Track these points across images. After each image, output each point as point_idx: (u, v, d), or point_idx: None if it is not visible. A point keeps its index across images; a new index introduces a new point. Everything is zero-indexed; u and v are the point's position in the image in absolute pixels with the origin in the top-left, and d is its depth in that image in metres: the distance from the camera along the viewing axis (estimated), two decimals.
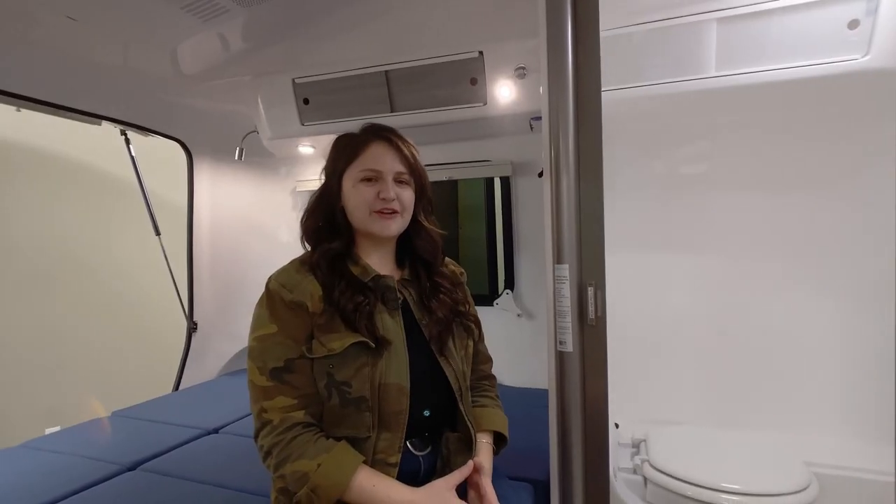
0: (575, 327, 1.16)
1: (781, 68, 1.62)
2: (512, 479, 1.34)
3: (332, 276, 1.00)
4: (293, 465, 0.90)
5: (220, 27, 1.72)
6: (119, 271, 2.87)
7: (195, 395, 2.31)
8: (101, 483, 1.43)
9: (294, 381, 0.95)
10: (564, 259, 1.15)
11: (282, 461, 0.91)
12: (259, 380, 0.95)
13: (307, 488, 0.89)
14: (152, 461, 1.58)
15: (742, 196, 1.85)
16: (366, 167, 1.03)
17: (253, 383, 0.96)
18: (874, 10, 1.53)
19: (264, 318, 0.97)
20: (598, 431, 1.19)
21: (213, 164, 2.63)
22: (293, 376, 0.95)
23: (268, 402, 0.94)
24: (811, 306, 1.80)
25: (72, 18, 1.50)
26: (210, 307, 2.67)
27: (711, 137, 1.88)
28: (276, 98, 2.15)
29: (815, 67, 1.61)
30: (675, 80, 1.74)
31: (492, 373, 1.28)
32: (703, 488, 1.44)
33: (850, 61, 1.60)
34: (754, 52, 1.64)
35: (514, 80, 1.87)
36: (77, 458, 1.59)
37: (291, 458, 0.90)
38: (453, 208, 2.86)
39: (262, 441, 0.94)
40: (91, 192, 2.79)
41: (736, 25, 1.64)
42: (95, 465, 1.53)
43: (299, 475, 0.89)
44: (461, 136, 2.29)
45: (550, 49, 1.13)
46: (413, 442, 1.05)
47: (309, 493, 0.89)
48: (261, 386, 0.95)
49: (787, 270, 1.82)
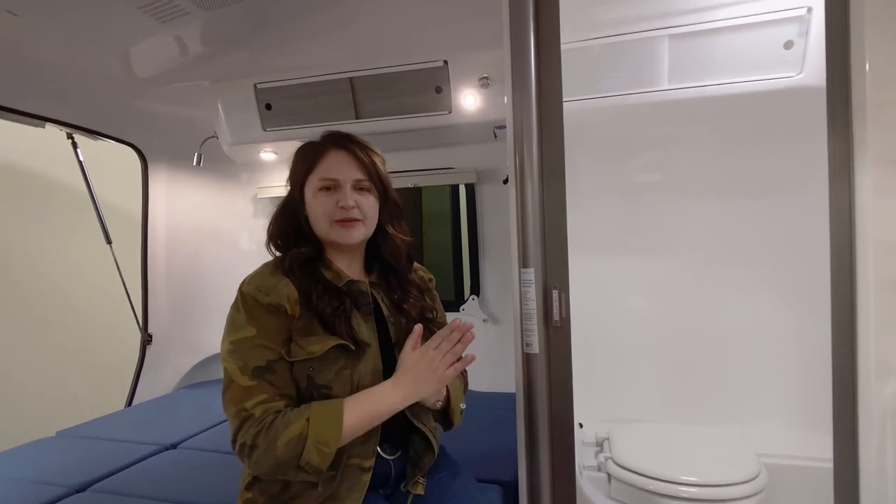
0: (541, 329, 1.19)
1: (727, 83, 1.73)
2: (481, 481, 1.36)
3: (307, 280, 1.00)
4: (284, 437, 0.87)
5: (178, 30, 1.68)
6: (67, 283, 2.72)
7: (150, 410, 2.21)
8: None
9: (275, 381, 0.93)
10: (530, 263, 1.19)
11: (271, 444, 0.87)
12: (241, 380, 0.92)
13: (310, 442, 0.87)
14: (104, 481, 1.49)
15: (695, 202, 1.95)
16: (323, 176, 1.04)
17: (234, 384, 0.92)
18: (806, 33, 1.66)
19: (241, 321, 0.95)
20: (564, 430, 1.22)
21: (170, 171, 2.54)
22: (274, 376, 0.93)
23: (249, 401, 0.91)
24: (759, 307, 1.91)
25: (12, 13, 1.43)
26: (166, 318, 2.57)
27: (665, 147, 1.97)
28: (237, 103, 2.12)
29: (756, 83, 1.73)
30: (630, 92, 1.82)
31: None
32: (664, 482, 1.50)
33: (787, 78, 1.73)
34: (703, 68, 1.75)
35: (479, 89, 1.91)
36: (20, 483, 1.48)
37: (279, 433, 0.88)
38: (418, 215, 2.88)
39: (244, 437, 0.89)
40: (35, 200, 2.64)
41: (686, 42, 1.74)
42: (39, 488, 1.44)
43: (294, 439, 0.87)
44: (427, 144, 2.31)
45: (514, 60, 1.18)
46: (384, 447, 1.06)
47: (314, 446, 0.88)
48: (244, 386, 0.92)
49: (738, 273, 1.92)
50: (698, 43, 1.73)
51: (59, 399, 2.57)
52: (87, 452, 1.70)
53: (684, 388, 1.99)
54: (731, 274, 1.93)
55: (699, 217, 1.96)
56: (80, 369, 2.71)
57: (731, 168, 1.89)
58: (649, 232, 2.03)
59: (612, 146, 2.03)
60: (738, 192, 1.88)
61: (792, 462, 1.71)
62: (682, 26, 1.71)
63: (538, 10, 1.18)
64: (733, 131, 1.86)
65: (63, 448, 1.77)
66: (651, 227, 2.02)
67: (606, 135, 2.01)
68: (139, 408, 2.28)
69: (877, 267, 1.04)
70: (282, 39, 1.86)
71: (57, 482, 1.47)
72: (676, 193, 1.97)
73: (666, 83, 1.77)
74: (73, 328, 2.73)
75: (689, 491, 1.48)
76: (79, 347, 2.74)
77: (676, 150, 1.96)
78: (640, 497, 1.52)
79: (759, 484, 1.50)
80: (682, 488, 1.48)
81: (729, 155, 1.89)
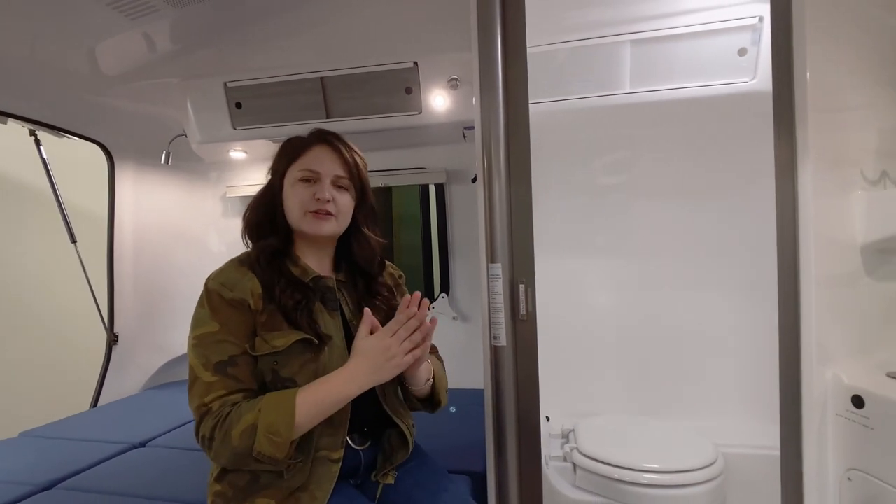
0: (508, 322, 1.24)
1: (686, 87, 1.82)
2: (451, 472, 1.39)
3: (272, 273, 1.01)
4: (237, 428, 0.89)
5: (147, 26, 1.67)
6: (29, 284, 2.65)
7: (117, 411, 2.17)
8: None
9: (238, 375, 0.95)
10: (498, 259, 1.24)
11: (226, 435, 0.89)
12: (204, 375, 0.93)
13: (261, 433, 0.88)
14: (72, 479, 1.48)
15: (657, 203, 2.04)
16: (305, 167, 1.06)
17: (198, 380, 0.94)
18: (758, 41, 1.75)
19: (205, 317, 0.96)
20: (530, 420, 1.27)
21: (137, 169, 2.51)
22: (236, 370, 0.95)
23: (209, 395, 0.92)
24: (717, 303, 2.00)
25: None
26: (132, 318, 2.53)
27: (628, 148, 2.05)
28: (207, 102, 2.11)
29: (713, 88, 1.81)
30: (595, 94, 1.89)
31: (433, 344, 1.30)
32: (627, 469, 1.57)
33: (742, 83, 1.82)
34: (663, 72, 1.83)
35: (448, 90, 1.95)
36: None
37: (233, 424, 0.89)
38: (388, 216, 2.89)
39: (203, 430, 0.91)
40: None
41: (647, 47, 1.81)
42: (6, 488, 1.41)
43: (248, 430, 0.88)
44: (397, 144, 2.34)
45: (482, 65, 1.22)
46: (353, 437, 1.08)
47: (265, 436, 0.88)
48: (206, 381, 0.93)
49: (697, 271, 2.01)
50: (659, 48, 1.81)
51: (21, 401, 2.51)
52: (53, 452, 1.68)
53: (647, 383, 2.07)
54: (691, 272, 2.02)
55: (661, 216, 2.05)
56: (43, 371, 2.64)
57: (690, 169, 1.98)
58: (614, 231, 2.11)
59: (579, 147, 2.10)
60: (696, 193, 1.97)
61: (750, 451, 1.79)
62: (643, 32, 1.79)
63: (505, 17, 1.23)
64: (692, 134, 1.95)
65: (27, 448, 1.74)
66: (615, 227, 2.10)
67: (574, 136, 2.08)
68: (105, 408, 2.25)
69: (818, 261, 1.12)
70: (253, 38, 1.87)
71: (22, 481, 1.45)
72: (639, 194, 2.06)
73: (629, 86, 1.85)
74: (36, 329, 2.66)
75: (651, 477, 1.55)
76: (42, 349, 2.67)
77: (639, 151, 2.05)
78: (604, 484, 1.58)
79: (716, 469, 1.58)
80: (645, 475, 1.55)
81: (688, 156, 1.98)
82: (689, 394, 2.02)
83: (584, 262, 2.15)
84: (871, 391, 1.00)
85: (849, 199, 1.19)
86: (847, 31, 1.20)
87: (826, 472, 1.10)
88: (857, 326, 1.21)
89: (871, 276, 1.21)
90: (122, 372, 2.48)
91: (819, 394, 1.10)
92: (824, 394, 1.11)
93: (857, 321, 1.21)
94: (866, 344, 1.21)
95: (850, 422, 1.04)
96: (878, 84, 1.25)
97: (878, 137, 1.23)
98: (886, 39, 1.25)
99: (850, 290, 1.20)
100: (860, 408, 1.02)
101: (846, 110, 1.19)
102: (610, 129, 2.02)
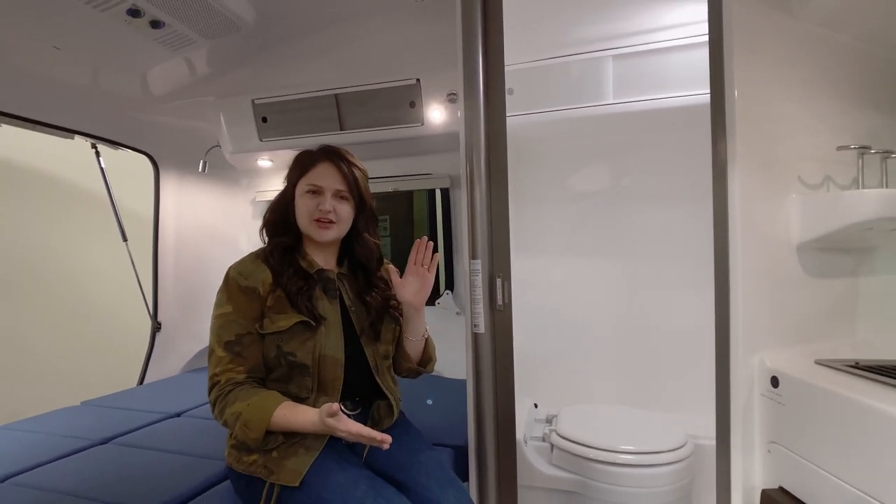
0: (486, 312, 1.42)
1: (664, 97, 1.94)
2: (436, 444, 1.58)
3: (283, 264, 1.24)
4: (231, 409, 1.12)
5: (187, 55, 1.94)
6: (86, 277, 3.02)
7: (158, 388, 2.48)
8: (79, 452, 1.62)
9: (243, 353, 1.18)
10: (478, 255, 1.42)
11: (223, 409, 1.13)
12: (217, 350, 1.17)
13: (240, 423, 1.11)
14: (122, 437, 1.76)
15: (640, 206, 2.17)
16: (311, 182, 1.27)
17: (213, 353, 1.18)
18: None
19: (223, 300, 1.21)
20: (506, 398, 1.44)
21: (179, 176, 2.83)
22: (243, 348, 1.18)
23: (219, 368, 1.16)
24: (694, 303, 2.10)
25: (56, 48, 1.71)
26: (174, 309, 2.84)
27: (613, 155, 2.20)
28: (237, 117, 2.39)
29: (690, 98, 1.93)
30: (579, 105, 2.03)
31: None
32: (602, 450, 1.71)
33: None
34: (643, 84, 1.96)
35: (447, 104, 2.15)
36: (54, 436, 1.76)
37: (229, 404, 1.12)
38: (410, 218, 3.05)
39: (211, 397, 1.16)
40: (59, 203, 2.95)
41: (628, 61, 1.96)
42: (72, 441, 1.71)
43: (236, 415, 1.11)
44: (405, 152, 2.55)
45: (466, 83, 1.42)
46: (346, 404, 1.29)
47: (242, 427, 1.11)
48: (218, 356, 1.17)
49: (678, 271, 2.12)
50: (638, 61, 1.95)
51: (81, 378, 2.86)
52: (106, 417, 1.98)
53: (632, 378, 2.20)
54: (671, 272, 2.14)
55: (644, 220, 2.18)
56: (100, 353, 3.00)
57: (672, 175, 2.11)
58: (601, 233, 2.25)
59: (565, 155, 2.26)
60: (676, 198, 2.09)
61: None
62: (623, 47, 1.94)
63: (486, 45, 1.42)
64: (672, 141, 2.07)
65: (87, 414, 2.05)
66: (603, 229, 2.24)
67: (559, 145, 2.24)
68: (149, 386, 2.56)
69: (748, 258, 1.25)
70: (276, 61, 2.12)
71: (84, 436, 1.75)
72: (624, 198, 2.20)
73: (611, 97, 1.99)
74: (93, 317, 3.02)
75: (627, 458, 1.69)
76: (98, 334, 3.03)
77: (623, 158, 2.19)
78: (577, 462, 1.73)
79: (686, 451, 1.71)
80: (622, 456, 1.69)
81: (669, 162, 2.11)
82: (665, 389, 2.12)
83: (574, 261, 2.30)
84: (785, 372, 1.13)
85: (785, 202, 1.32)
86: (783, 48, 1.32)
87: (752, 445, 1.23)
88: (795, 319, 1.32)
89: (809, 274, 1.33)
90: (163, 356, 2.79)
91: (746, 376, 1.23)
92: (752, 376, 1.24)
93: (795, 314, 1.32)
94: (805, 335, 1.32)
95: (770, 400, 1.18)
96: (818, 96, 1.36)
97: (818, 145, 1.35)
98: (824, 54, 1.36)
99: (786, 285, 1.31)
100: (776, 387, 1.15)
101: (780, 121, 1.31)
102: (595, 136, 2.18)
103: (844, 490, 0.94)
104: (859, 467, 0.93)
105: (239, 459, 1.20)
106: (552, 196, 2.30)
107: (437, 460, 1.31)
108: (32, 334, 2.83)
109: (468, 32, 1.43)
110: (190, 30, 1.70)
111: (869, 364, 1.08)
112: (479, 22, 1.41)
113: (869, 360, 1.12)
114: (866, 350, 1.25)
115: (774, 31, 1.30)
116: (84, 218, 2.99)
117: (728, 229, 1.26)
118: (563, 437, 1.80)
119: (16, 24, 1.60)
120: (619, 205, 2.22)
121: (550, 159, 2.27)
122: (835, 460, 0.98)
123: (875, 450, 0.89)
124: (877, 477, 0.89)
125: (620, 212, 2.21)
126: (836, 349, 1.25)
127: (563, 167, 2.28)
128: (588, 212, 2.27)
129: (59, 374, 2.87)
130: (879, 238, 1.33)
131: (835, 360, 1.14)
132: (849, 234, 1.21)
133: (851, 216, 1.15)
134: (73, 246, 3.00)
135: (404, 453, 1.29)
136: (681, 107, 1.92)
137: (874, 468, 0.89)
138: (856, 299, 1.36)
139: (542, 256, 2.32)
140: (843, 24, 1.28)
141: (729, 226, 1.25)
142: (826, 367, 1.12)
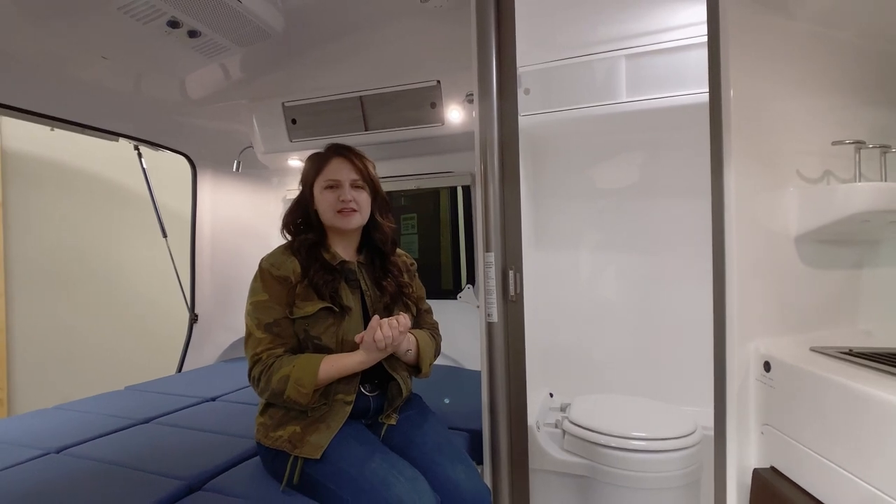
0: (499, 302, 1.50)
1: (675, 95, 1.98)
2: (452, 429, 1.66)
3: (309, 259, 1.35)
4: (277, 375, 1.23)
5: (222, 61, 2.08)
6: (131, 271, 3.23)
7: (195, 376, 2.64)
8: (124, 430, 1.77)
9: (280, 333, 1.30)
10: (491, 248, 1.51)
11: (269, 378, 1.23)
12: (256, 332, 1.29)
13: (291, 383, 1.21)
14: (162, 417, 1.91)
15: (653, 201, 2.21)
16: (328, 178, 1.39)
17: (252, 336, 1.29)
18: None
19: (258, 288, 1.32)
20: (518, 383, 1.52)
21: (214, 175, 3.00)
22: (279, 329, 1.30)
23: (260, 347, 1.28)
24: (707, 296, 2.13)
25: (105, 58, 1.87)
26: (209, 302, 3.01)
27: (627, 152, 2.25)
28: (269, 118, 2.52)
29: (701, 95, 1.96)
30: (595, 104, 2.09)
31: (434, 321, 1.61)
32: (613, 436, 1.77)
33: None
34: (656, 82, 2.00)
35: (465, 104, 2.24)
36: (101, 415, 1.92)
37: (275, 371, 1.24)
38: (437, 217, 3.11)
39: (254, 373, 1.27)
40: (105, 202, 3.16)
41: (640, 61, 2.01)
42: (118, 420, 1.87)
43: (283, 378, 1.22)
44: (427, 151, 2.64)
45: (480, 84, 1.50)
46: (365, 386, 1.39)
47: (294, 386, 1.21)
48: (257, 337, 1.29)
49: (692, 265, 2.14)
50: (651, 60, 1.99)
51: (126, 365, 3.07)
52: (148, 400, 2.14)
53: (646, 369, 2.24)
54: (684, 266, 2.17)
55: (662, 214, 2.22)
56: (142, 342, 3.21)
57: (684, 171, 2.14)
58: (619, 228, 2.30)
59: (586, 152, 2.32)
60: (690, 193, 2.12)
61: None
62: (636, 47, 1.99)
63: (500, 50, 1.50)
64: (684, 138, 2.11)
65: (130, 397, 2.21)
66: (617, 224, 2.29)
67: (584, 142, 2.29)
68: (187, 373, 2.73)
69: (745, 249, 1.30)
70: (304, 65, 2.24)
71: (128, 416, 1.90)
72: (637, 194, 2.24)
73: (625, 96, 2.04)
74: (136, 308, 3.23)
75: (639, 444, 1.74)
76: (140, 325, 3.24)
77: (637, 155, 2.23)
78: (588, 448, 1.79)
79: (695, 438, 1.76)
80: (633, 442, 1.74)
81: (681, 158, 2.14)
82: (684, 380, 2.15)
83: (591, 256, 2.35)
84: (776, 357, 1.18)
85: (783, 196, 1.36)
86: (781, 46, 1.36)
87: (747, 428, 1.28)
88: (794, 308, 1.36)
89: (808, 265, 1.36)
90: (200, 347, 2.96)
91: (742, 362, 1.27)
92: (747, 362, 1.29)
93: (794, 304, 1.36)
94: (805, 324, 1.36)
95: (763, 384, 1.23)
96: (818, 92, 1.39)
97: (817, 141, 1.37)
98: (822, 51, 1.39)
99: (784, 276, 1.35)
100: (768, 371, 1.20)
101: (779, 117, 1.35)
102: (609, 134, 2.22)
103: (831, 469, 0.99)
104: (846, 448, 0.96)
105: (266, 435, 1.31)
106: (569, 192, 2.36)
107: (449, 440, 1.40)
108: (82, 324, 3.06)
109: (482, 37, 1.52)
110: (224, 38, 1.82)
111: (862, 351, 1.12)
112: (493, 28, 1.50)
113: (862, 348, 1.15)
114: (864, 339, 1.28)
115: (772, 30, 1.34)
116: (128, 215, 3.20)
117: (724, 221, 1.30)
118: (575, 424, 1.86)
119: (68, 38, 1.77)
120: (633, 200, 2.26)
121: (567, 156, 2.33)
122: (822, 441, 1.02)
123: (861, 432, 0.92)
124: (862, 457, 0.92)
125: (635, 207, 2.25)
126: (833, 337, 1.28)
127: (579, 164, 2.34)
128: (605, 207, 2.32)
129: (105, 361, 3.09)
130: (881, 231, 1.36)
131: (829, 348, 1.18)
132: (847, 226, 1.24)
133: (845, 208, 1.18)
134: (118, 241, 3.22)
135: (419, 433, 1.39)
136: (691, 104, 1.95)
137: (860, 449, 0.92)
138: (858, 291, 1.39)
139: (562, 251, 2.38)
140: (839, 20, 1.31)
141: (725, 218, 1.29)
142: (820, 353, 1.17)
